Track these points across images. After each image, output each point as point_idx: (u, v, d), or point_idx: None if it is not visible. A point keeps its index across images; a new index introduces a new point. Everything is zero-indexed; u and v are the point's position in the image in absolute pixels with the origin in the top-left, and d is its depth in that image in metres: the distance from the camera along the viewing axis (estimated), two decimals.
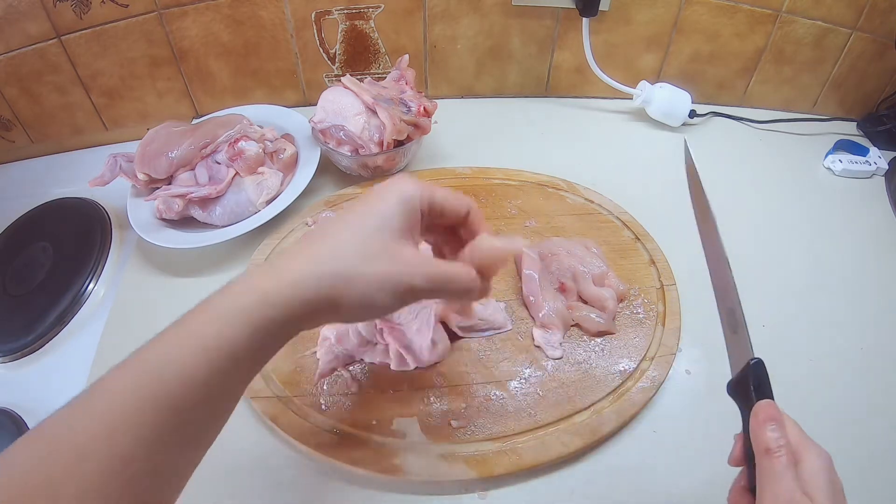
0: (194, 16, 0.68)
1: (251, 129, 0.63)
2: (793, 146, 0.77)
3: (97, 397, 0.27)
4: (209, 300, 0.29)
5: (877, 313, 0.57)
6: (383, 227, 0.32)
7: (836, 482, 0.31)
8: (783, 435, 0.32)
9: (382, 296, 0.31)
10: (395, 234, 0.32)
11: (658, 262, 0.58)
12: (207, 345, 0.27)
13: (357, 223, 0.32)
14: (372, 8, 0.71)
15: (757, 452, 0.32)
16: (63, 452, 0.24)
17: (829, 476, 0.31)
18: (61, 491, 0.23)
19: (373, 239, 0.32)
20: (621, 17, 0.73)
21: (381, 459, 0.43)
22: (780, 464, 0.31)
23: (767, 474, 0.31)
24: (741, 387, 0.35)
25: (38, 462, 0.24)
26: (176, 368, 0.26)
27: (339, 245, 0.31)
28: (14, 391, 0.52)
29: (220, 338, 0.27)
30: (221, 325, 0.27)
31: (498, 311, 0.52)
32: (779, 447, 0.32)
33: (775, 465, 0.31)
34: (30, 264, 0.61)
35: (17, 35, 0.64)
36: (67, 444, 0.24)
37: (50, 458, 0.24)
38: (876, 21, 0.71)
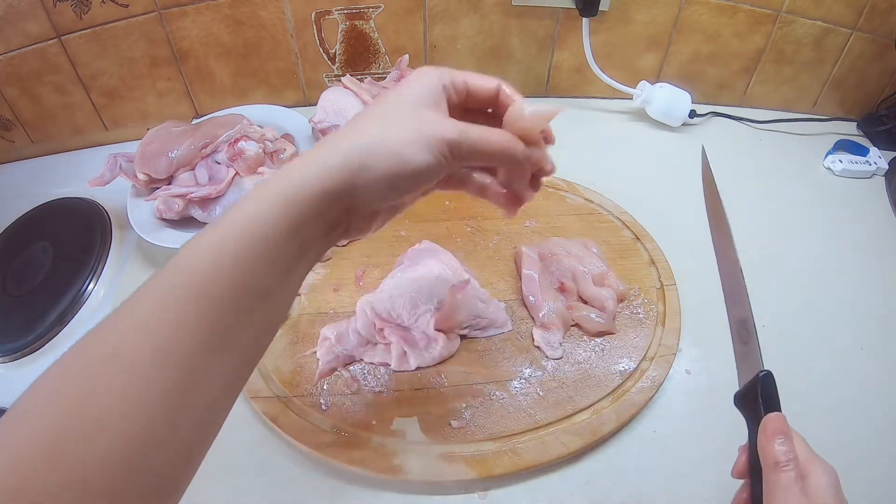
0: (194, 16, 0.68)
1: (251, 129, 0.63)
2: (793, 146, 0.77)
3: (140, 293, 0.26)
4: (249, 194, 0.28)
5: (877, 313, 0.57)
6: (407, 102, 0.31)
7: (842, 500, 0.31)
8: (791, 449, 0.32)
9: (416, 150, 0.30)
10: (421, 105, 0.31)
11: (658, 262, 0.58)
12: (241, 224, 0.26)
13: (380, 106, 0.32)
14: (372, 8, 0.71)
15: (765, 466, 0.32)
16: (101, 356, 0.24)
17: (835, 493, 0.31)
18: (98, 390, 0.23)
19: (398, 109, 0.31)
20: (621, 17, 0.73)
21: (381, 459, 0.43)
22: (789, 478, 0.31)
23: (775, 488, 0.31)
24: (749, 399, 0.35)
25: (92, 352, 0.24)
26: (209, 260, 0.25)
27: (363, 121, 0.31)
28: (14, 391, 0.51)
29: (255, 215, 0.26)
30: (255, 203, 0.27)
31: (499, 310, 0.52)
32: (787, 461, 0.31)
33: (783, 480, 0.31)
34: (30, 264, 0.61)
35: (17, 35, 0.64)
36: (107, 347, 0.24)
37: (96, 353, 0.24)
38: (876, 21, 0.71)
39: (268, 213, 0.26)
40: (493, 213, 0.62)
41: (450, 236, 0.60)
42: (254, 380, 0.48)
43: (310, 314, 0.53)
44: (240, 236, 0.26)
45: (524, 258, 0.55)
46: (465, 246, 0.59)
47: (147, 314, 0.25)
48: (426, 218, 0.62)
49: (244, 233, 0.26)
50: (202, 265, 0.25)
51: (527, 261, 0.54)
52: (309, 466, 0.45)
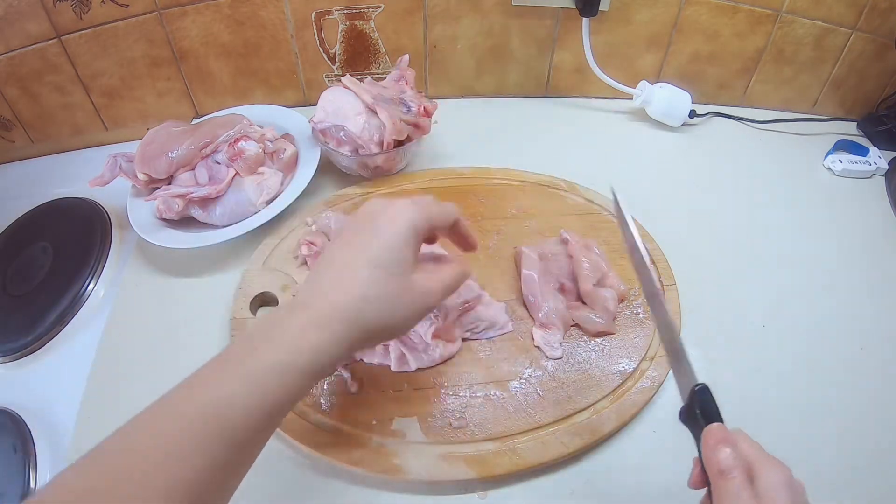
0: (194, 16, 0.68)
1: (251, 129, 0.63)
2: (793, 146, 0.77)
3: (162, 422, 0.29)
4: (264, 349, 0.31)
5: (877, 313, 0.57)
6: (398, 263, 0.35)
7: (797, 492, 0.32)
8: (736, 455, 0.32)
9: (409, 325, 0.38)
10: (409, 265, 0.36)
11: (658, 262, 0.58)
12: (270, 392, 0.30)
13: (373, 261, 0.35)
14: (372, 8, 0.71)
15: (711, 476, 0.32)
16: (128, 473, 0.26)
17: (787, 490, 0.31)
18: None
19: (391, 282, 0.35)
20: (621, 17, 0.73)
21: (381, 459, 0.43)
22: (735, 484, 0.31)
23: (723, 496, 0.32)
24: (691, 413, 0.36)
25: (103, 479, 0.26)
26: (240, 410, 0.29)
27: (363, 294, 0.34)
28: (14, 391, 0.52)
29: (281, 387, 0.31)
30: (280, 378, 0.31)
31: (500, 311, 0.52)
32: (731, 468, 0.32)
33: (730, 487, 0.31)
34: (30, 264, 0.61)
35: (17, 35, 0.64)
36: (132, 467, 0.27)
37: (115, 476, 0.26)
38: (876, 21, 0.71)
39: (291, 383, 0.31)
40: (494, 213, 0.62)
41: None
42: None
43: None
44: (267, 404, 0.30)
45: (524, 258, 0.55)
46: None
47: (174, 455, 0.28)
48: None
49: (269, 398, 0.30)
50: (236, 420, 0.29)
51: (527, 261, 0.54)
52: (309, 466, 0.45)
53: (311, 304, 0.33)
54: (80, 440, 0.46)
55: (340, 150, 0.62)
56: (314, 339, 0.32)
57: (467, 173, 0.67)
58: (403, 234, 0.35)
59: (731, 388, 0.50)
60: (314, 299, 0.34)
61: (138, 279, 0.58)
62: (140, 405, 0.50)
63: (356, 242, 0.36)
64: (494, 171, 0.68)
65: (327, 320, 0.33)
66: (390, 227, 0.36)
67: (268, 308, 0.55)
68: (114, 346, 0.53)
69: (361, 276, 0.34)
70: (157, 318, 0.55)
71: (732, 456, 0.32)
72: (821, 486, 0.45)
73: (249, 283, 0.55)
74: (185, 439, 0.28)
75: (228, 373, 0.31)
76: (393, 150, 0.62)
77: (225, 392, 0.30)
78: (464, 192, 0.64)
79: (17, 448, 0.46)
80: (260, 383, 0.30)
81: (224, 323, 0.53)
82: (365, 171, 0.66)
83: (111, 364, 0.52)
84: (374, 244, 0.35)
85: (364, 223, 0.37)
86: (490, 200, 0.64)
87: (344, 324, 0.33)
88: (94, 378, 0.50)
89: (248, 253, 0.58)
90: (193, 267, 0.59)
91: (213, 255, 0.59)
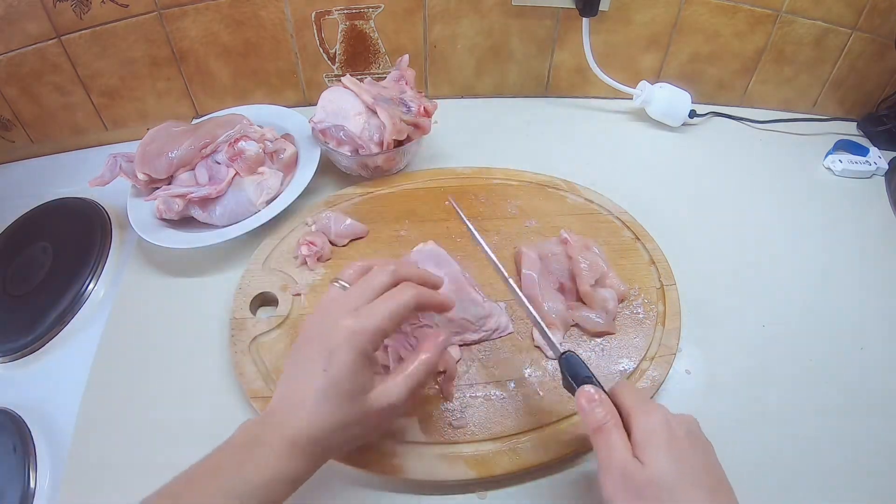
0: (194, 16, 0.68)
1: (251, 129, 0.63)
2: (793, 146, 0.77)
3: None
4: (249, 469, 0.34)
5: (877, 313, 0.57)
6: (350, 393, 0.36)
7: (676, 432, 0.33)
8: (607, 411, 0.34)
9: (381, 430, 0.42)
10: (364, 387, 0.37)
11: (658, 262, 0.58)
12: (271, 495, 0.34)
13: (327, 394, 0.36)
14: (372, 8, 0.71)
15: (589, 434, 0.35)
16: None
17: (663, 433, 0.33)
18: None
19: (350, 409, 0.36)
20: (621, 17, 0.73)
21: (381, 459, 0.43)
22: (607, 438, 0.33)
23: (600, 450, 0.34)
24: (566, 381, 0.39)
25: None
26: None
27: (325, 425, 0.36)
28: (14, 391, 0.52)
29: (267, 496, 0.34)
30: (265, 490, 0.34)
31: (501, 314, 0.52)
32: (601, 422, 0.34)
33: (601, 441, 0.34)
34: (30, 264, 0.61)
35: (17, 35, 0.64)
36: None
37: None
38: (876, 21, 0.71)
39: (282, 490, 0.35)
40: (493, 213, 0.62)
41: (450, 236, 0.60)
42: (253, 379, 0.48)
43: (310, 314, 0.53)
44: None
45: (524, 258, 0.55)
46: (465, 246, 0.59)
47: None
48: (426, 218, 0.62)
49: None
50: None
51: (527, 261, 0.54)
52: None
53: (285, 430, 0.35)
54: (80, 440, 0.46)
55: (340, 150, 0.62)
56: (293, 463, 0.35)
57: (467, 173, 0.67)
58: (350, 364, 0.36)
59: (731, 388, 0.51)
60: (286, 426, 0.36)
61: (138, 279, 0.58)
62: (140, 405, 0.50)
63: (311, 372, 0.36)
64: (494, 171, 0.68)
65: (301, 448, 0.35)
66: (338, 357, 0.36)
67: (268, 308, 0.55)
68: (114, 346, 0.53)
69: (320, 409, 0.36)
70: (157, 318, 0.55)
71: (602, 412, 0.34)
72: (821, 486, 0.45)
73: (249, 283, 0.55)
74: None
75: (218, 487, 0.33)
76: (393, 150, 0.62)
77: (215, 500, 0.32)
78: (464, 192, 0.64)
79: (17, 448, 0.46)
80: (249, 497, 0.33)
81: (224, 323, 0.53)
82: (365, 171, 0.66)
83: (111, 364, 0.52)
84: (325, 378, 0.36)
85: (315, 350, 0.37)
86: (490, 200, 0.64)
87: (317, 446, 0.36)
88: (94, 378, 0.50)
89: (248, 253, 0.58)
90: (193, 267, 0.59)
91: (213, 255, 0.59)
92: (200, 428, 0.47)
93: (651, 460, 0.32)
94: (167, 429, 0.47)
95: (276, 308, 0.53)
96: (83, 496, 0.44)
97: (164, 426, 0.47)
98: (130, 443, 0.46)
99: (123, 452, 0.46)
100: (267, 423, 0.37)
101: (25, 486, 0.44)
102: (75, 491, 0.44)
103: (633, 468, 0.32)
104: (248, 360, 0.49)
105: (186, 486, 0.33)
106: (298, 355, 0.39)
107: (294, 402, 0.37)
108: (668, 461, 0.32)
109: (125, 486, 0.44)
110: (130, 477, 0.44)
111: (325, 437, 0.36)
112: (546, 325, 0.51)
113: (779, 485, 0.45)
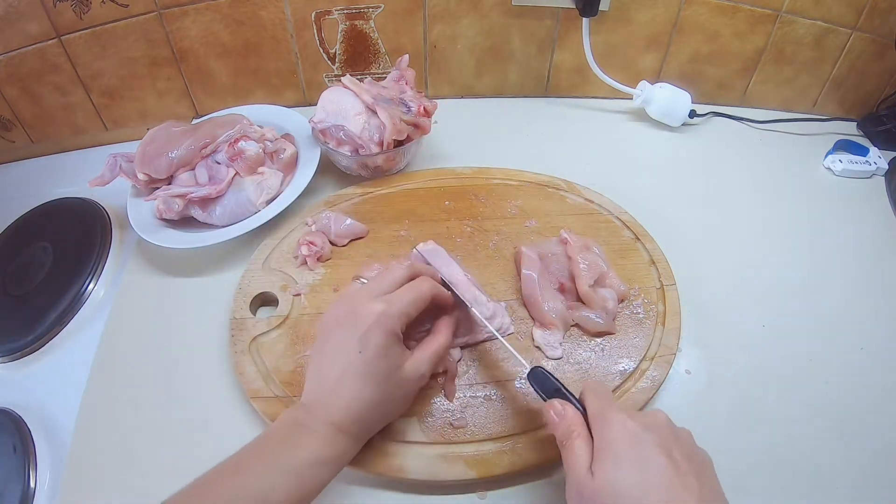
0: (194, 16, 0.68)
1: (251, 129, 0.63)
2: (793, 146, 0.77)
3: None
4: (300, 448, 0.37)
5: (877, 313, 0.57)
6: (387, 370, 0.39)
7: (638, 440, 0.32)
8: (568, 425, 0.35)
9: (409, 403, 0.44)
10: (397, 365, 0.40)
11: (658, 262, 0.58)
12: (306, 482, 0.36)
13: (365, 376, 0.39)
14: (372, 8, 0.71)
15: (559, 445, 0.35)
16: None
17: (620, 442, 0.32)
18: None
19: (385, 386, 0.39)
20: (621, 17, 0.73)
21: (381, 459, 0.43)
22: (570, 452, 0.33)
23: (565, 462, 0.34)
24: (536, 393, 0.40)
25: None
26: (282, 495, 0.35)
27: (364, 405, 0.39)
28: (14, 391, 0.52)
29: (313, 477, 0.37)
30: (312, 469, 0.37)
31: (503, 314, 0.52)
32: (566, 436, 0.34)
33: (565, 456, 0.34)
34: (30, 264, 0.61)
35: (17, 35, 0.64)
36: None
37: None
38: (876, 21, 0.71)
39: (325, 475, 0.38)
40: (494, 213, 0.62)
41: (450, 236, 0.60)
42: (254, 379, 0.48)
43: (310, 314, 0.53)
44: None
45: (524, 258, 0.55)
46: (466, 246, 0.59)
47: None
48: (426, 218, 0.62)
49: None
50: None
51: (527, 261, 0.54)
52: None
53: (329, 414, 0.38)
54: (80, 440, 0.46)
55: (340, 150, 0.62)
56: (338, 444, 0.38)
57: (467, 173, 0.67)
58: (384, 343, 0.39)
59: (731, 388, 0.51)
60: (329, 410, 0.39)
61: (138, 279, 0.58)
62: (140, 405, 0.50)
63: (346, 356, 0.39)
64: (494, 171, 0.68)
65: (345, 429, 0.38)
66: (372, 339, 0.39)
67: (268, 308, 0.55)
68: (114, 346, 0.53)
69: (360, 389, 0.39)
70: (157, 318, 0.55)
71: (565, 426, 0.35)
72: (821, 486, 0.45)
73: (249, 283, 0.55)
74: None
75: (270, 466, 0.35)
76: (393, 150, 0.62)
77: (268, 482, 0.34)
78: (464, 192, 0.64)
79: (17, 448, 0.46)
80: (298, 475, 0.35)
81: (224, 323, 0.53)
82: (365, 171, 0.66)
83: (111, 364, 0.52)
84: (361, 360, 0.39)
85: (345, 336, 0.40)
86: (490, 200, 0.64)
87: (359, 426, 0.39)
88: (94, 378, 0.50)
89: (248, 253, 0.58)
90: (193, 267, 0.59)
91: (213, 255, 0.59)
92: (200, 428, 0.47)
93: (598, 472, 0.31)
94: (167, 429, 0.47)
95: (276, 308, 0.53)
96: (83, 496, 0.44)
97: (164, 426, 0.47)
98: (130, 443, 0.46)
99: (123, 452, 0.46)
100: (308, 409, 0.39)
101: (25, 486, 0.44)
102: (75, 491, 0.44)
103: (585, 481, 0.32)
104: (248, 360, 0.49)
105: (234, 468, 0.35)
106: (327, 343, 0.41)
107: (333, 386, 0.39)
108: (614, 472, 0.31)
109: (125, 486, 0.44)
110: (130, 477, 0.45)
111: (368, 414, 0.39)
112: (546, 324, 0.51)
113: (778, 485, 0.45)
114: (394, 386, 0.40)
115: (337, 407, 0.38)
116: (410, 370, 0.41)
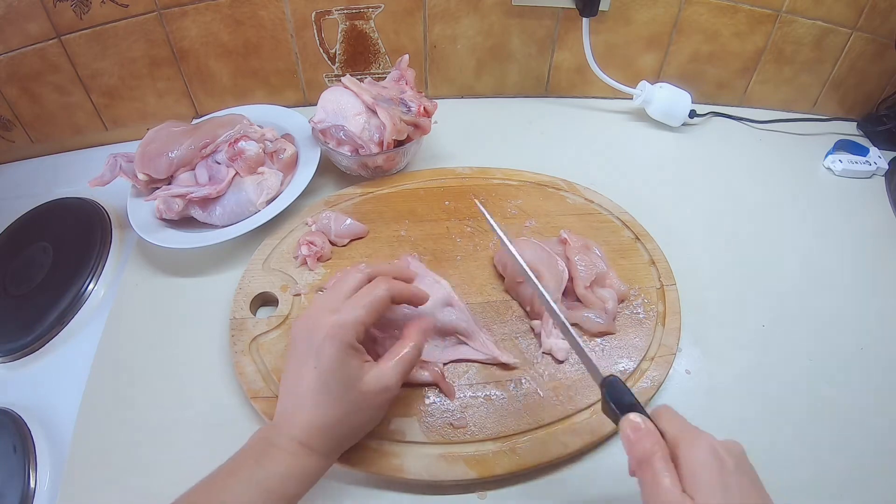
0: (194, 16, 0.68)
1: (251, 129, 0.63)
2: (793, 146, 0.77)
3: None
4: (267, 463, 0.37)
5: (877, 313, 0.57)
6: (344, 383, 0.38)
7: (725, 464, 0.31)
8: (653, 441, 0.32)
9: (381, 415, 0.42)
10: (356, 377, 0.39)
11: (658, 262, 0.58)
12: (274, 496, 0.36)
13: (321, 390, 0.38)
14: (372, 8, 0.71)
15: (634, 466, 0.32)
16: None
17: (712, 466, 0.31)
18: None
19: (345, 400, 0.38)
20: (621, 17, 0.73)
21: (381, 459, 0.43)
22: (654, 472, 0.31)
23: (645, 485, 0.31)
24: (606, 406, 0.36)
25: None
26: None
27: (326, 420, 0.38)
28: (14, 391, 0.52)
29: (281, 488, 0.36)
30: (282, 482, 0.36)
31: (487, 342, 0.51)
32: (648, 455, 0.32)
33: (647, 476, 0.31)
34: (30, 264, 0.61)
35: (17, 35, 0.64)
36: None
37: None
38: (876, 21, 0.71)
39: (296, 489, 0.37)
40: (494, 213, 0.62)
41: (450, 236, 0.60)
42: (254, 379, 0.48)
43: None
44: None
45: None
46: (465, 246, 0.59)
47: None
48: (426, 218, 0.62)
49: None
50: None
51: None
52: None
53: (292, 431, 0.38)
54: (80, 440, 0.46)
55: (340, 150, 0.62)
56: (306, 460, 0.37)
57: (467, 173, 0.67)
58: (337, 356, 0.38)
59: (731, 388, 0.51)
60: (292, 427, 0.38)
61: (138, 279, 0.58)
62: (140, 405, 0.50)
63: (304, 371, 0.39)
64: (494, 171, 0.68)
65: (310, 445, 0.38)
66: (325, 352, 0.38)
67: (268, 308, 0.55)
68: (114, 346, 0.53)
69: (318, 404, 0.38)
70: (157, 318, 0.55)
71: (649, 443, 0.32)
72: (821, 486, 0.45)
73: (249, 283, 0.55)
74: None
75: (241, 481, 0.35)
76: (393, 150, 0.62)
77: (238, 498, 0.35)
78: (464, 192, 0.64)
79: (17, 448, 0.46)
80: (267, 490, 0.35)
81: (224, 323, 0.53)
82: (365, 171, 0.66)
83: (111, 364, 0.52)
84: (315, 375, 0.38)
85: (304, 350, 0.39)
86: (490, 200, 0.64)
87: (326, 440, 0.38)
88: (94, 378, 0.50)
89: (248, 253, 0.58)
90: (193, 267, 0.59)
91: (213, 255, 0.59)
92: (200, 428, 0.47)
93: (702, 498, 0.29)
94: (167, 429, 0.47)
95: (276, 308, 0.53)
96: (83, 496, 0.44)
97: (164, 426, 0.47)
98: (130, 443, 0.46)
99: (123, 452, 0.46)
100: (277, 425, 0.39)
101: (25, 486, 0.44)
102: (75, 491, 0.44)
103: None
104: (248, 360, 0.49)
105: (207, 486, 0.35)
106: (291, 358, 0.41)
107: (294, 403, 0.39)
108: (720, 498, 0.29)
109: (125, 486, 0.44)
110: (130, 477, 0.45)
111: (330, 430, 0.38)
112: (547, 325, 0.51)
113: (778, 485, 0.45)
114: (355, 399, 0.39)
115: (299, 423, 0.38)
116: (372, 382, 0.39)
